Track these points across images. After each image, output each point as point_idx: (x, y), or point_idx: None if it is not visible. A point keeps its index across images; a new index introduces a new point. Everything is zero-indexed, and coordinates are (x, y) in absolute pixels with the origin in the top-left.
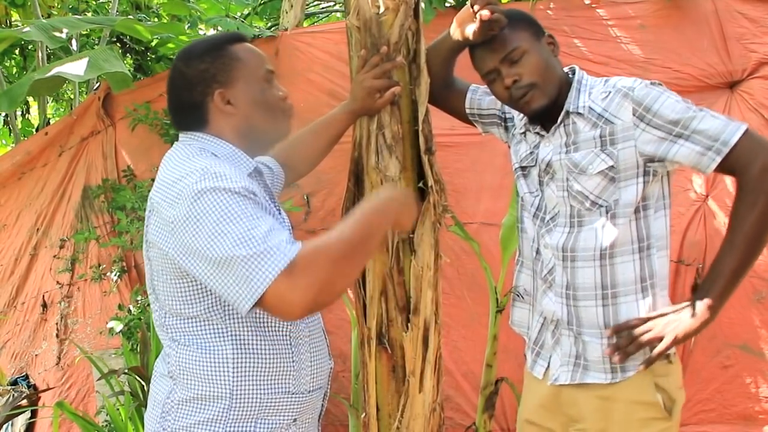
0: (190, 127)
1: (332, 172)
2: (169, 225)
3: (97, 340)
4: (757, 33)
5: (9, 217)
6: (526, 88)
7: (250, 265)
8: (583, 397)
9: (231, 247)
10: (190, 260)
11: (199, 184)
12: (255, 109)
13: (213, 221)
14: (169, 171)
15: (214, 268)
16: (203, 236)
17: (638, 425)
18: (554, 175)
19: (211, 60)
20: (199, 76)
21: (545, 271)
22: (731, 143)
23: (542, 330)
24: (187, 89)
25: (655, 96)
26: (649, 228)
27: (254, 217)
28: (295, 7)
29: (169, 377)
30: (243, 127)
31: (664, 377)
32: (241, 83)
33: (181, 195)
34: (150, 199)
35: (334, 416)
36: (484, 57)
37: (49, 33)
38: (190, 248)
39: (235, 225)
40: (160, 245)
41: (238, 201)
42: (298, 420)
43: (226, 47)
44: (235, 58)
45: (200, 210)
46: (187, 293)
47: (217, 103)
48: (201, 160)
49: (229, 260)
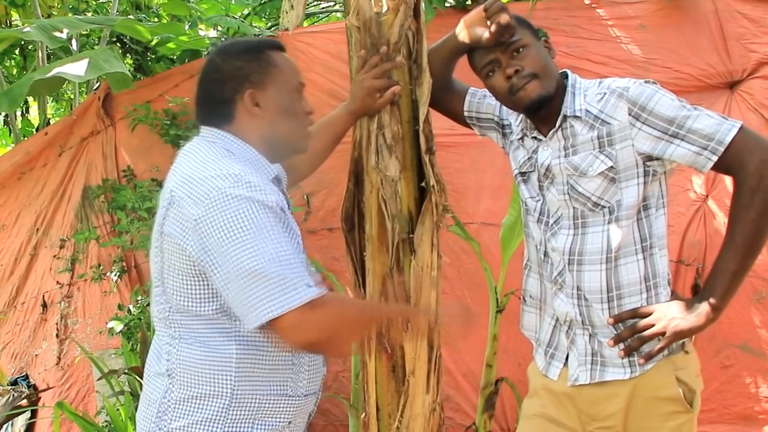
0: (213, 123)
1: (332, 172)
2: (192, 222)
3: (97, 340)
4: (757, 33)
5: (9, 217)
6: (527, 77)
7: (279, 285)
8: (605, 395)
9: (264, 263)
10: (211, 263)
11: (232, 190)
12: (281, 116)
13: (246, 231)
14: (194, 167)
15: (238, 278)
16: (233, 243)
17: (661, 420)
18: (554, 179)
19: (248, 59)
20: (234, 72)
21: (555, 273)
22: (726, 142)
23: (555, 332)
24: (219, 83)
25: (649, 95)
26: (651, 228)
27: (286, 240)
28: (296, 7)
29: (166, 376)
30: (266, 132)
31: (683, 369)
32: (272, 88)
33: (209, 195)
34: (169, 192)
35: (334, 416)
36: (486, 48)
37: (49, 33)
38: (214, 251)
39: (268, 242)
40: (178, 240)
41: (270, 218)
42: (292, 423)
43: (265, 51)
44: (272, 63)
45: (233, 216)
46: (199, 292)
47: (246, 102)
48: (231, 163)
49: (259, 275)
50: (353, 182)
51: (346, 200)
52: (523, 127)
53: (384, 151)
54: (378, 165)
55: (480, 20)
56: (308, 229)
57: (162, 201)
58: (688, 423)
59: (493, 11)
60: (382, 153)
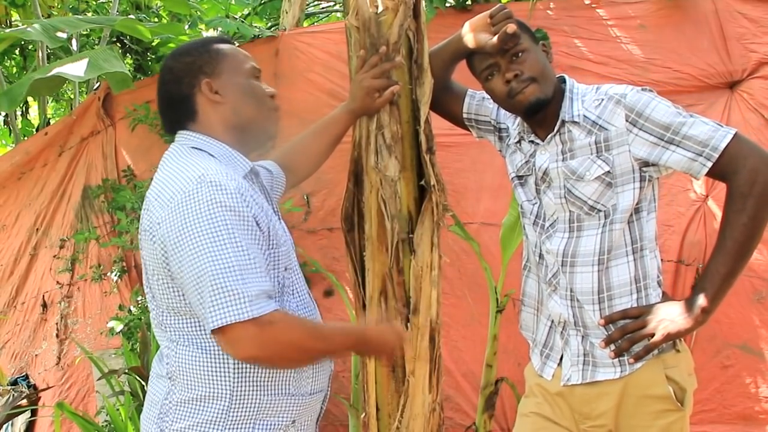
0: (180, 124)
1: (332, 172)
2: (157, 225)
3: (97, 340)
4: (757, 33)
5: (8, 217)
6: (526, 81)
7: (226, 297)
8: (596, 394)
9: (216, 271)
10: (174, 263)
11: (195, 191)
12: (242, 98)
13: (203, 235)
14: (164, 171)
15: (192, 281)
16: (190, 246)
17: (651, 418)
18: (551, 182)
19: (197, 54)
20: (186, 68)
21: (549, 275)
22: (721, 148)
23: (550, 333)
24: (175, 83)
25: (646, 101)
26: (642, 230)
27: (246, 244)
28: (293, 7)
29: (167, 378)
30: (231, 118)
31: (673, 368)
32: (227, 74)
33: (173, 198)
34: (146, 197)
35: (334, 416)
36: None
37: (50, 33)
38: (174, 252)
39: (225, 248)
40: (151, 244)
41: (231, 221)
42: (296, 422)
43: (211, 44)
44: (221, 53)
45: (192, 219)
46: (179, 292)
47: (204, 92)
48: (197, 161)
49: (210, 282)
50: (353, 182)
51: (345, 200)
52: (520, 130)
53: (383, 151)
54: (377, 165)
55: (485, 26)
56: (308, 229)
57: (143, 208)
58: (678, 421)
59: (499, 19)
60: (381, 153)
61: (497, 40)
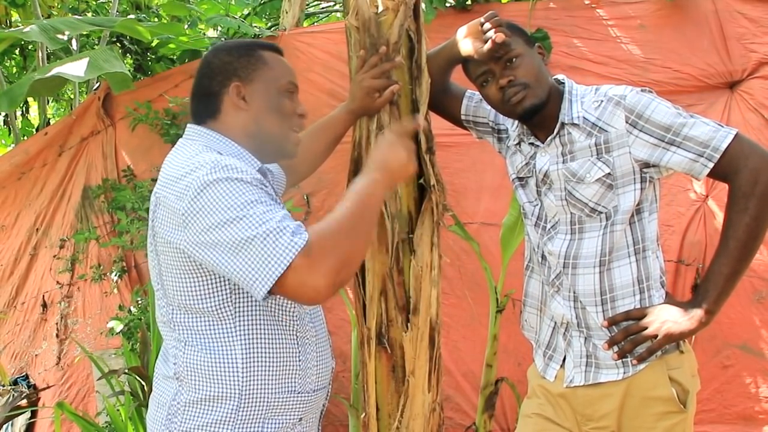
0: (201, 117)
1: (332, 172)
2: (180, 217)
3: (97, 340)
4: (757, 33)
5: (8, 217)
6: (519, 87)
7: (267, 244)
8: (599, 396)
9: (247, 228)
10: (205, 250)
11: (209, 176)
12: (267, 113)
13: (226, 207)
14: (174, 167)
15: (230, 253)
16: (218, 223)
17: (653, 419)
18: (552, 184)
19: (238, 55)
20: (222, 67)
21: (552, 276)
22: (722, 149)
23: (554, 334)
24: (208, 77)
25: (646, 103)
26: (644, 231)
27: (268, 203)
28: (293, 7)
29: (174, 379)
30: (251, 127)
31: (677, 369)
32: (259, 83)
33: (190, 187)
34: (154, 195)
35: (334, 416)
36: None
37: (50, 34)
38: (204, 237)
39: (249, 209)
40: (169, 238)
41: (250, 189)
42: (303, 419)
43: (256, 49)
44: (262, 60)
45: (212, 199)
46: (198, 287)
47: (231, 95)
48: (208, 154)
49: (246, 241)
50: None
51: None
52: (519, 132)
53: None
54: None
55: (476, 33)
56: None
57: (151, 205)
58: (681, 423)
59: (489, 27)
60: None
61: (486, 50)
